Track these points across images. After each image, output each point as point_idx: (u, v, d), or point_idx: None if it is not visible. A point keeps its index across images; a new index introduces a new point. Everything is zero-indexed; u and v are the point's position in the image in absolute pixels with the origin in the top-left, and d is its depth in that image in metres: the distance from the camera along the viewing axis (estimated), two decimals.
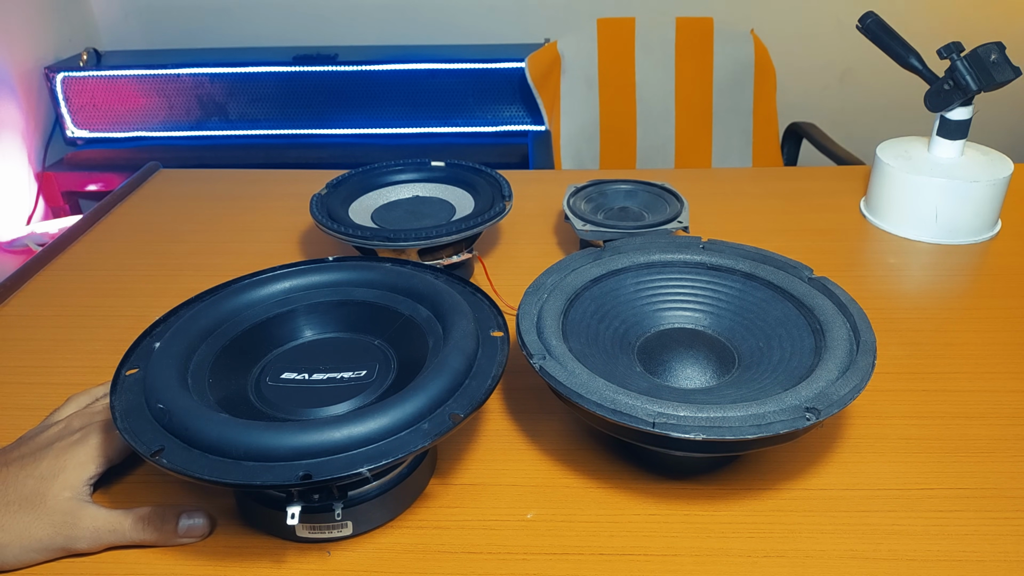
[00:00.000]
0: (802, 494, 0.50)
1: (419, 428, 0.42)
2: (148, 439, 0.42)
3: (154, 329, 0.52)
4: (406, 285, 0.54)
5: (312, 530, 0.46)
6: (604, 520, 0.49)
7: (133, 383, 0.46)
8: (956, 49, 0.80)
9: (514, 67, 1.78)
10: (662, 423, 0.43)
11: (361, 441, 0.41)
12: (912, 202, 0.83)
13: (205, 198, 0.96)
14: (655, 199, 0.80)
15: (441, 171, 0.81)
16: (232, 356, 0.50)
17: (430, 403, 0.43)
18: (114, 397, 0.45)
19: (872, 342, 0.50)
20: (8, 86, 1.77)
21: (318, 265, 0.57)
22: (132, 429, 0.43)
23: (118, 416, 0.43)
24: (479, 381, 0.46)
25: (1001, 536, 0.47)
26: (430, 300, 0.53)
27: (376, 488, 0.47)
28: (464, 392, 0.45)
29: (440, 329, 0.50)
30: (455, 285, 0.55)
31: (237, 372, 0.50)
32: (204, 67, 1.81)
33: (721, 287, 0.60)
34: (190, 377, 0.47)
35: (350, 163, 0.85)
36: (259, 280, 0.55)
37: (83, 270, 0.80)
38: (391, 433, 0.41)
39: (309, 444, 0.40)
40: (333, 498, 0.44)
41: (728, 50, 1.52)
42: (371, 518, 0.47)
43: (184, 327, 0.50)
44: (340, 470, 0.39)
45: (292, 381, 0.49)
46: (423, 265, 0.59)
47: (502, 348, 0.49)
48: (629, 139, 1.57)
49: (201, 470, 0.40)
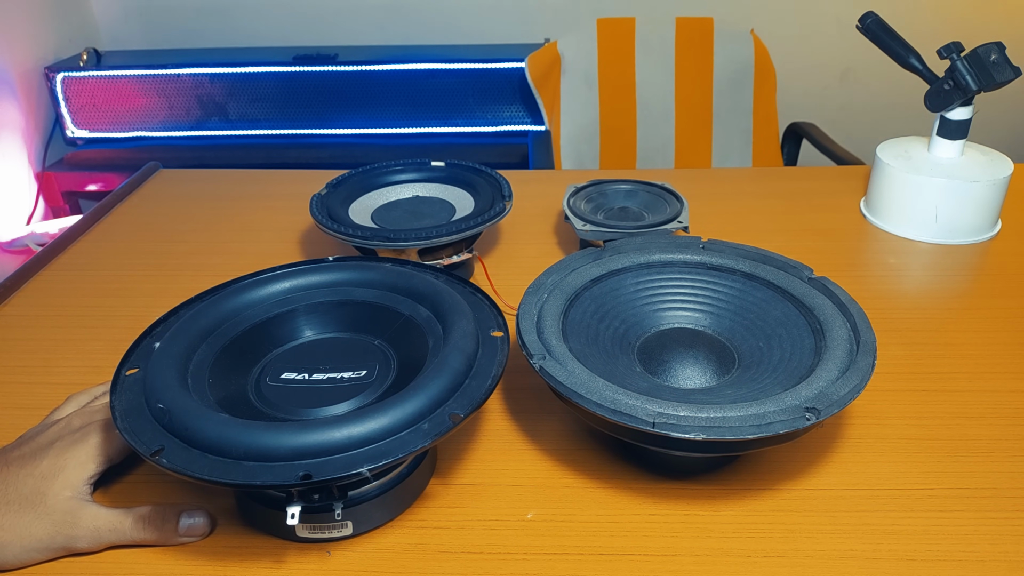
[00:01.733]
0: (802, 494, 0.50)
1: (419, 428, 0.42)
2: (148, 439, 0.42)
3: (154, 329, 0.52)
4: (406, 285, 0.54)
5: (312, 530, 0.46)
6: (604, 520, 0.49)
7: (133, 383, 0.46)
8: (956, 49, 0.80)
9: (514, 67, 1.78)
10: (662, 423, 0.43)
11: (361, 441, 0.41)
12: (912, 202, 0.83)
13: (205, 198, 0.97)
14: (655, 199, 0.80)
15: (441, 171, 0.81)
16: (232, 356, 0.50)
17: (430, 403, 0.43)
18: (114, 397, 0.45)
19: (872, 342, 0.50)
20: (8, 86, 1.77)
21: (318, 265, 0.57)
22: (132, 429, 0.43)
23: (118, 416, 0.43)
24: (479, 381, 0.46)
25: (1001, 536, 0.47)
26: (430, 300, 0.53)
27: (376, 488, 0.47)
28: (464, 392, 0.45)
29: (440, 329, 0.50)
30: (455, 285, 0.55)
31: (237, 372, 0.50)
32: (204, 67, 1.81)
33: (721, 287, 0.60)
34: (190, 377, 0.47)
35: (350, 163, 0.85)
36: (259, 280, 0.55)
37: (83, 270, 0.80)
38: (391, 433, 0.41)
39: (309, 444, 0.40)
40: (333, 498, 0.44)
41: (728, 50, 1.52)
42: (371, 518, 0.47)
43: (184, 327, 0.50)
44: (340, 470, 0.39)
45: (292, 381, 0.49)
46: (423, 265, 0.59)
47: (502, 348, 0.49)
48: (629, 139, 1.57)
49: (201, 470, 0.40)
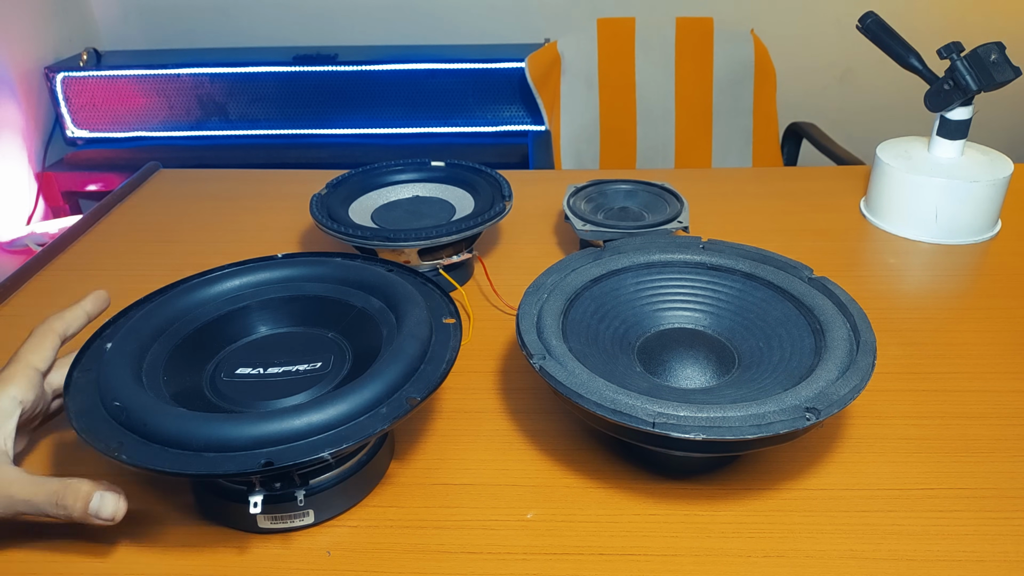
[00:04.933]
0: (802, 494, 0.50)
1: (377, 413, 0.42)
2: (106, 436, 0.42)
3: (104, 331, 0.52)
4: (357, 278, 0.55)
5: (274, 520, 0.46)
6: (604, 520, 0.49)
7: (86, 384, 0.46)
8: (956, 49, 0.80)
9: (514, 67, 1.77)
10: (662, 423, 0.43)
11: (321, 428, 0.41)
12: (912, 202, 0.83)
13: (205, 198, 0.96)
14: (655, 199, 0.80)
15: (441, 171, 0.81)
16: (185, 353, 0.50)
17: (387, 388, 0.44)
18: (68, 398, 0.45)
19: (872, 342, 0.50)
20: (8, 86, 1.77)
21: (267, 262, 0.57)
22: (89, 429, 0.42)
23: (73, 417, 0.43)
24: (434, 366, 0.46)
25: (1001, 536, 0.47)
26: (381, 291, 0.53)
27: (336, 476, 0.47)
28: (420, 376, 0.45)
29: (393, 318, 0.51)
30: (406, 276, 0.56)
31: (191, 369, 0.50)
32: (204, 67, 1.81)
33: (721, 287, 0.60)
34: (144, 375, 0.47)
35: (350, 163, 0.85)
36: (208, 279, 0.55)
37: (83, 270, 0.80)
38: (350, 419, 0.42)
39: (269, 433, 0.40)
40: (295, 486, 0.45)
41: (728, 50, 1.52)
42: (333, 505, 0.47)
43: (135, 327, 0.50)
44: (302, 455, 0.40)
45: (247, 376, 0.49)
46: (374, 259, 0.59)
47: (455, 334, 0.49)
48: (629, 139, 1.57)
49: (162, 463, 0.39)
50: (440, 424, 0.57)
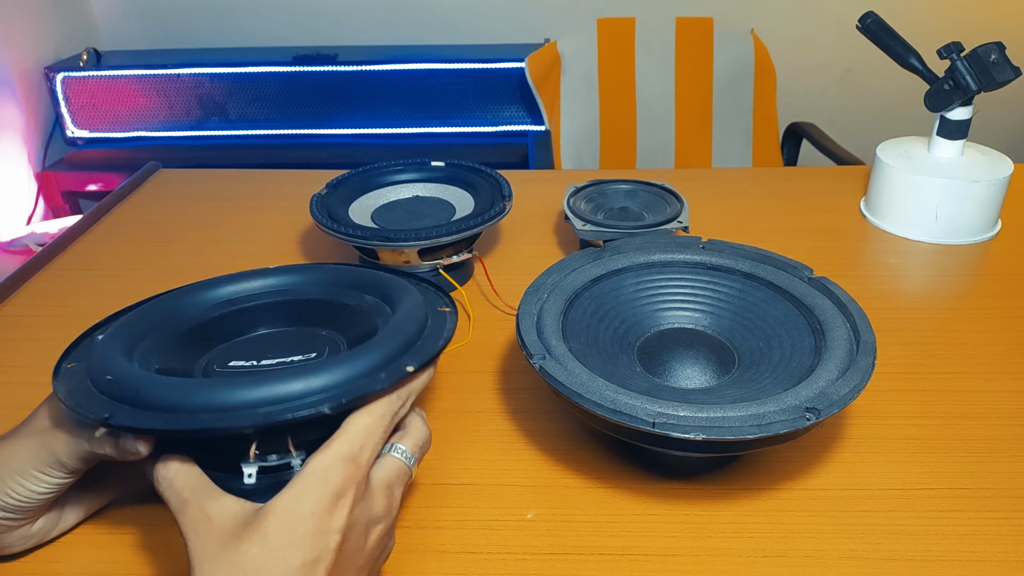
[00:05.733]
0: (802, 494, 0.50)
1: (376, 377, 0.42)
2: (96, 409, 0.41)
3: (95, 330, 0.51)
4: (350, 279, 0.55)
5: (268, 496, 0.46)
6: (604, 520, 0.49)
7: (75, 371, 0.46)
8: (956, 49, 0.80)
9: (514, 67, 1.78)
10: (662, 423, 0.43)
11: (319, 391, 0.41)
12: (912, 202, 0.83)
13: (205, 198, 0.96)
14: (655, 199, 0.80)
15: (441, 171, 0.81)
16: (178, 349, 0.50)
17: (385, 358, 0.44)
18: (56, 383, 0.44)
19: (872, 342, 0.50)
20: (8, 86, 1.77)
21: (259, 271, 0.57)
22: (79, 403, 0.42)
23: (63, 396, 0.43)
24: (431, 342, 0.46)
25: (1001, 536, 0.47)
26: (375, 287, 0.54)
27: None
28: (418, 349, 0.45)
29: (388, 310, 0.51)
30: (399, 275, 0.56)
31: (183, 362, 0.50)
32: (204, 67, 1.81)
33: (721, 287, 0.60)
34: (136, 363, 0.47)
35: (350, 163, 0.85)
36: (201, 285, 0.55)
37: (83, 270, 0.80)
38: (348, 383, 0.42)
39: (266, 396, 0.40)
40: (291, 455, 0.44)
41: (728, 50, 1.52)
42: None
43: (128, 323, 0.49)
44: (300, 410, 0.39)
45: (241, 368, 0.49)
46: (368, 263, 0.59)
47: (451, 319, 0.49)
48: (629, 139, 1.57)
49: (155, 423, 0.39)
50: (440, 424, 0.57)
